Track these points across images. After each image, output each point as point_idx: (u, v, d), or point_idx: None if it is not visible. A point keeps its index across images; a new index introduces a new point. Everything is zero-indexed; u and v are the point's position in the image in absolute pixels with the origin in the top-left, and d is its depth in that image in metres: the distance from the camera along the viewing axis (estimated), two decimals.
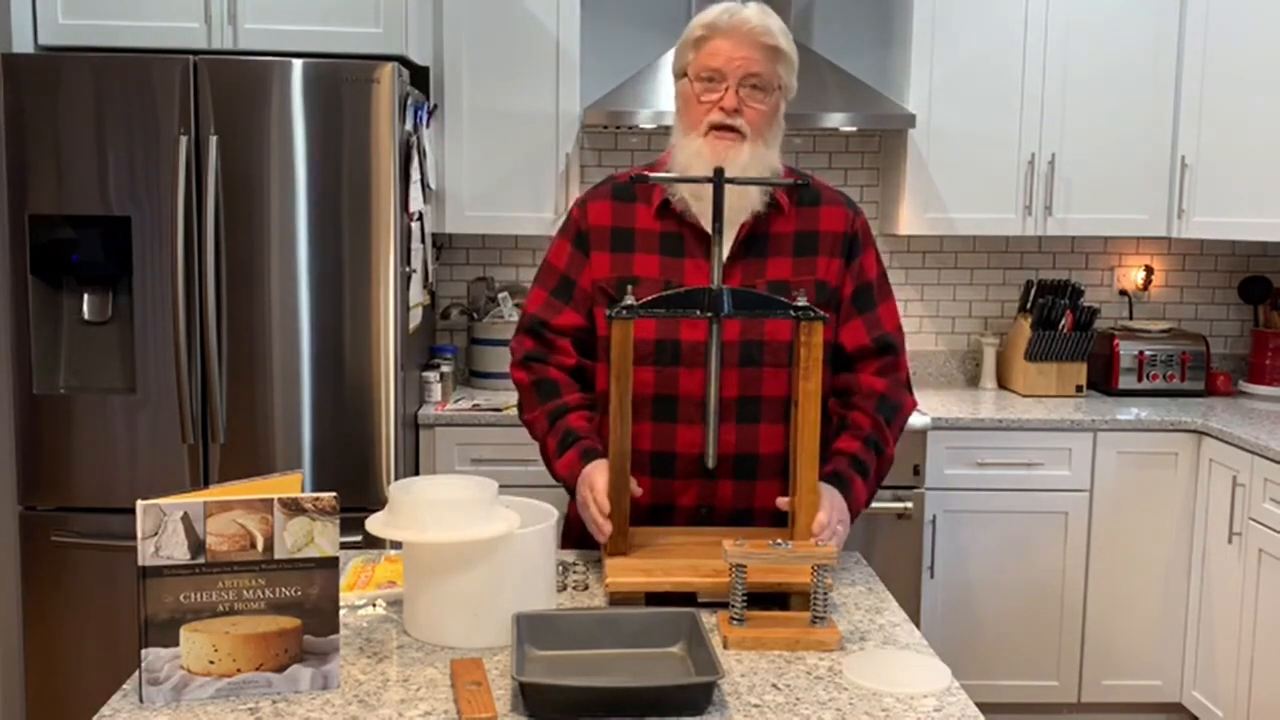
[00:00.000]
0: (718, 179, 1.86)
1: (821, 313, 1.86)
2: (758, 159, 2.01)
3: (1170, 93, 3.86)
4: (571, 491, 2.05)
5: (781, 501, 1.99)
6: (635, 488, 1.95)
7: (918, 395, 3.81)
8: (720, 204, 1.86)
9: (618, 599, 1.81)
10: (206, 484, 2.95)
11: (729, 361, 2.00)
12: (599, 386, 2.12)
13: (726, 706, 1.47)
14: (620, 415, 1.89)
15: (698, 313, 1.86)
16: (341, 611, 1.59)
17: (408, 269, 3.37)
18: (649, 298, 1.88)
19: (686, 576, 1.82)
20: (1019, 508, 3.65)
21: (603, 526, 1.91)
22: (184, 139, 3.13)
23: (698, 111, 2.02)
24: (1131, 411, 3.77)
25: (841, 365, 2.12)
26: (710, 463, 1.94)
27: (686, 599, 1.79)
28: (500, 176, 3.78)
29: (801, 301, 1.86)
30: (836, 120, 3.70)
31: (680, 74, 2.07)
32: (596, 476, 1.95)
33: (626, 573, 1.83)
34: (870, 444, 2.06)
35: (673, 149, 2.08)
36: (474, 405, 3.67)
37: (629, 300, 1.86)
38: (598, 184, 2.21)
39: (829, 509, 1.91)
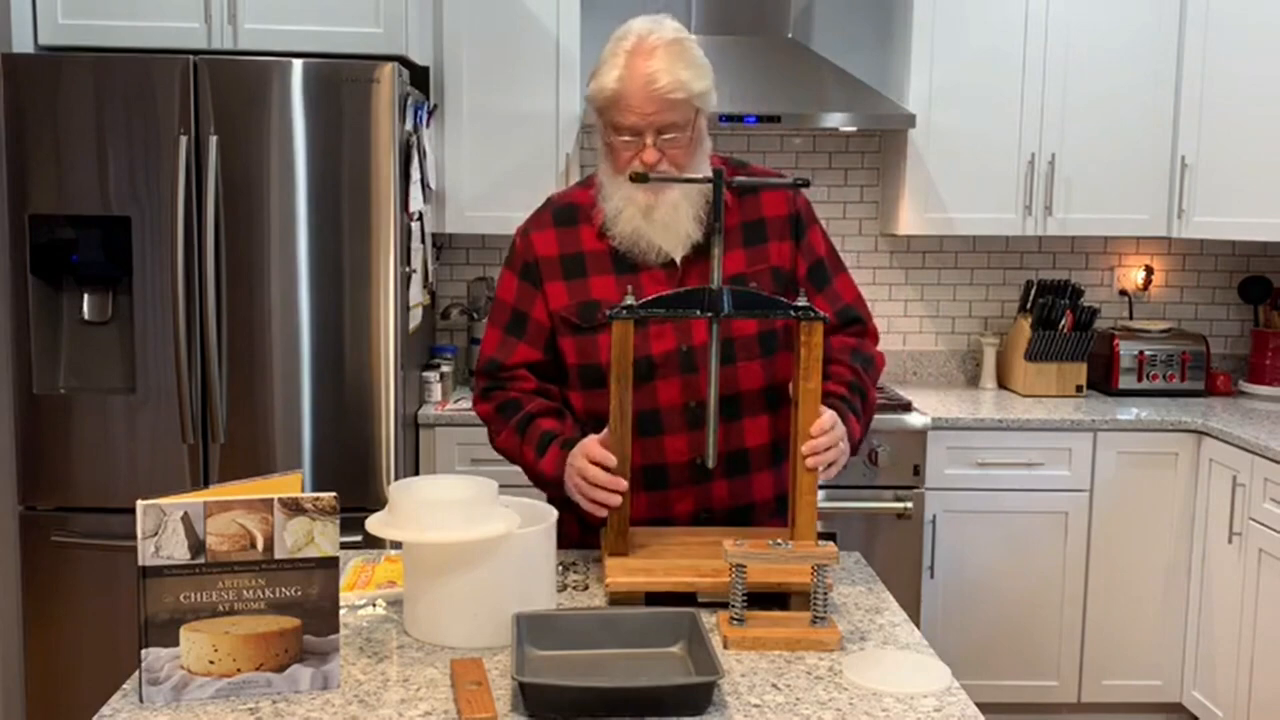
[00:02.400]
0: (717, 180, 1.87)
1: (822, 313, 1.86)
2: (690, 193, 2.00)
3: (1170, 93, 3.86)
4: (564, 501, 2.01)
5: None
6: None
7: (917, 395, 3.87)
8: (719, 203, 1.86)
9: (617, 599, 1.81)
10: (206, 484, 2.95)
11: (703, 364, 2.00)
12: (576, 406, 2.12)
13: (726, 706, 1.47)
14: (620, 416, 1.89)
15: (698, 312, 1.86)
16: (341, 611, 1.59)
17: (408, 269, 3.37)
18: (648, 298, 1.88)
19: (687, 576, 1.82)
20: (1019, 508, 3.65)
21: (609, 483, 1.88)
22: (184, 139, 3.13)
23: (621, 161, 2.01)
24: (1131, 411, 3.77)
25: None
26: (711, 463, 1.93)
27: (686, 599, 1.79)
28: (500, 176, 3.77)
29: (802, 301, 1.86)
30: (836, 120, 3.70)
31: (596, 113, 2.04)
32: (589, 446, 1.92)
33: (626, 572, 1.83)
34: (855, 389, 2.07)
35: (600, 186, 2.06)
36: None
37: (629, 300, 1.85)
38: (537, 210, 2.18)
39: (832, 415, 1.91)
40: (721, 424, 2.02)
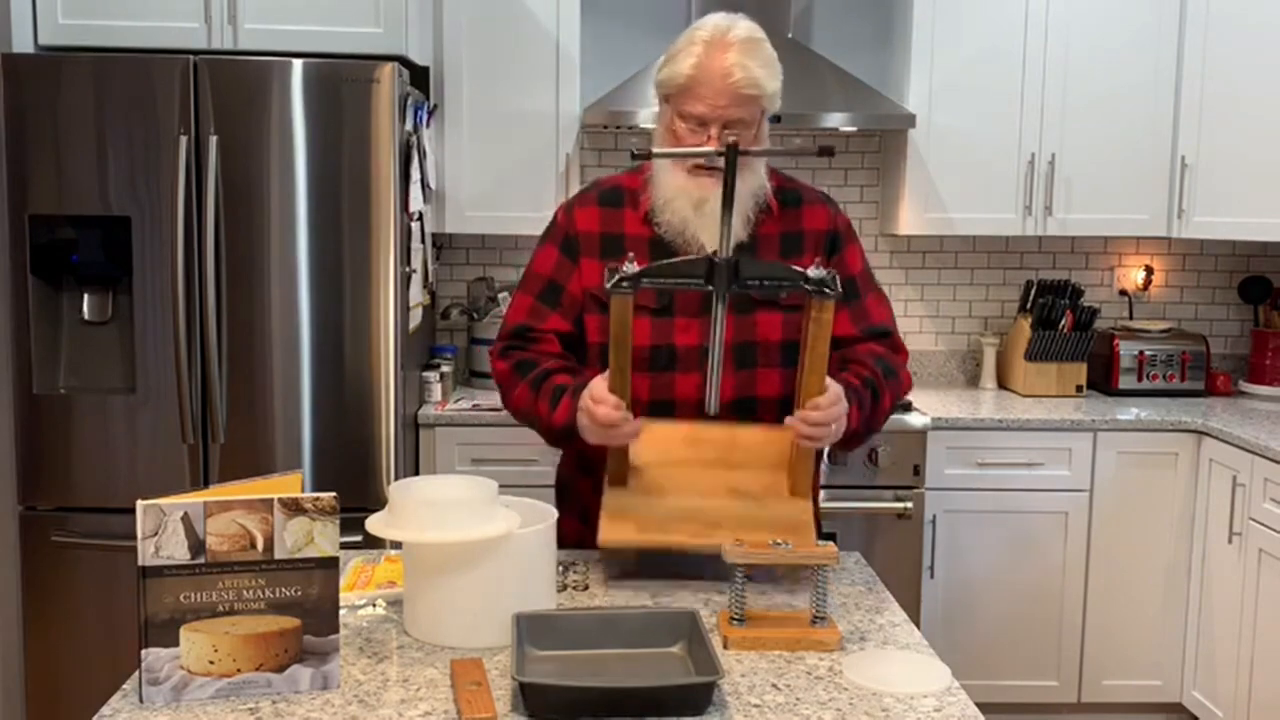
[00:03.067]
0: (730, 152, 1.82)
1: (838, 289, 1.80)
2: (744, 187, 1.99)
3: (1170, 93, 3.86)
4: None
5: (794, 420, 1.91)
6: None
7: (918, 395, 3.86)
8: (732, 179, 1.82)
9: (608, 555, 1.80)
10: (206, 484, 2.95)
11: (724, 415, 2.00)
12: None
13: (726, 706, 1.47)
14: (620, 376, 1.85)
15: (702, 283, 1.79)
16: (341, 611, 1.59)
17: (408, 269, 3.37)
18: (647, 265, 1.81)
19: (680, 537, 1.83)
20: (1019, 508, 3.65)
21: (619, 419, 1.85)
22: (184, 139, 3.13)
23: (681, 147, 2.00)
24: (1131, 411, 3.77)
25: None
26: (712, 409, 1.87)
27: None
28: (500, 176, 3.78)
29: (815, 271, 1.79)
30: (836, 120, 3.70)
31: (663, 98, 2.04)
32: (594, 386, 1.89)
33: (620, 528, 1.83)
34: (868, 384, 2.03)
35: (652, 175, 2.06)
36: (474, 405, 3.67)
37: (629, 267, 1.78)
38: (583, 189, 2.19)
39: (838, 391, 1.88)
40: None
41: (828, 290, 1.79)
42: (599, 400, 1.87)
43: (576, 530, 2.07)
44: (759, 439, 1.98)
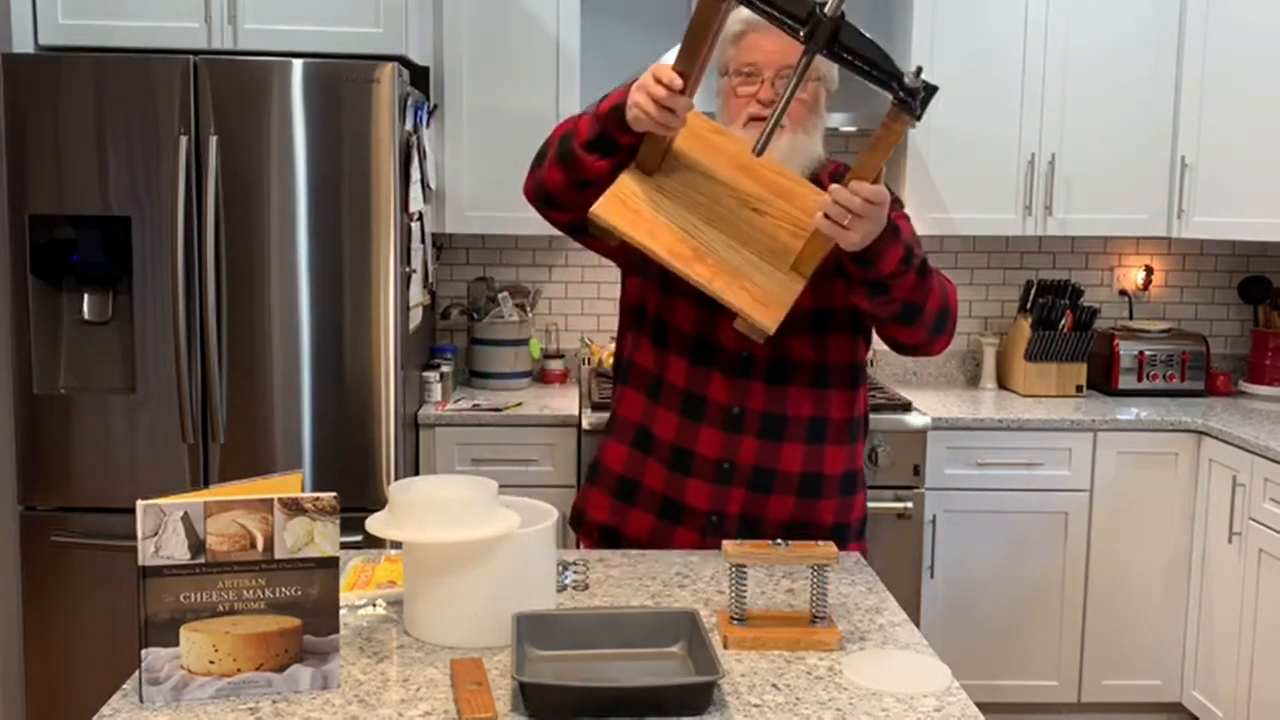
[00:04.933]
0: (813, 38, 1.63)
1: (920, 110, 1.63)
2: (798, 148, 2.00)
3: (1170, 92, 3.86)
4: (611, 147, 1.89)
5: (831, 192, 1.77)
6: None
7: (917, 395, 3.86)
8: (804, 70, 1.68)
9: (593, 230, 1.81)
10: (206, 484, 2.95)
11: (756, 374, 2.00)
12: (625, 349, 2.14)
13: (726, 706, 1.47)
14: (688, 74, 1.73)
15: (797, 29, 1.61)
16: (341, 611, 1.59)
17: (408, 269, 3.37)
18: None
19: (661, 249, 1.79)
20: (1019, 508, 3.65)
21: (675, 84, 1.73)
22: (184, 139, 3.13)
23: (736, 105, 2.02)
24: (1131, 411, 3.77)
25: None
26: (759, 152, 1.74)
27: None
28: (500, 176, 3.77)
29: (911, 80, 1.62)
30: (836, 120, 3.70)
31: (721, 71, 2.06)
32: (659, 66, 1.78)
33: (616, 210, 1.80)
34: (921, 260, 1.96)
35: None
36: (474, 405, 3.67)
37: None
38: None
39: (882, 190, 1.76)
40: (758, 440, 2.03)
41: (913, 102, 1.62)
42: (660, 74, 1.75)
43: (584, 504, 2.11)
44: (802, 203, 1.89)
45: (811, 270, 1.89)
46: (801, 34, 1.61)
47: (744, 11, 1.90)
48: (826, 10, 1.60)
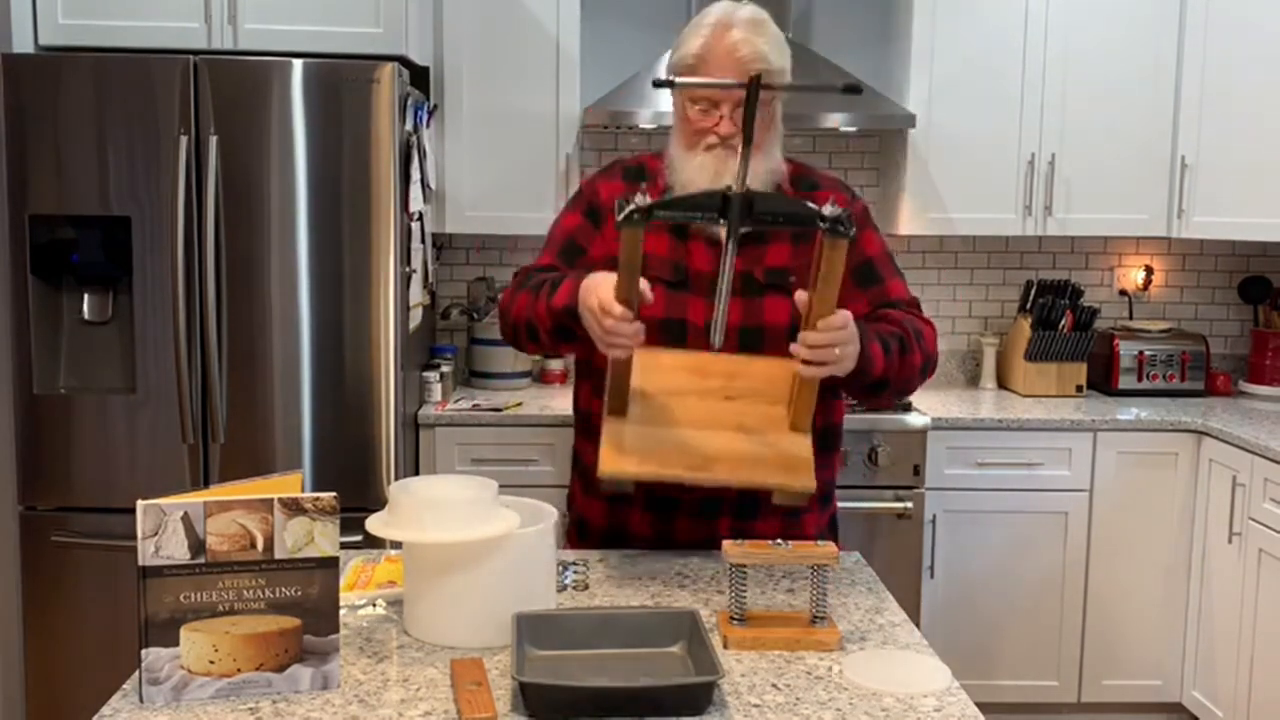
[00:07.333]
0: (753, 85, 1.78)
1: (851, 229, 1.70)
2: (761, 172, 1.99)
3: (1170, 93, 3.86)
4: (570, 335, 1.94)
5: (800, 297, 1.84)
6: (647, 293, 1.81)
7: (917, 395, 3.86)
8: (752, 111, 1.78)
9: (608, 488, 1.84)
10: (206, 484, 2.95)
11: (727, 348, 1.99)
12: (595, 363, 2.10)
13: (726, 706, 1.47)
14: (628, 305, 1.79)
15: (715, 216, 1.73)
16: (341, 611, 1.59)
17: (408, 269, 3.37)
18: (661, 199, 1.76)
19: (678, 470, 1.83)
20: (1019, 508, 3.65)
21: (618, 312, 1.78)
22: (184, 139, 3.13)
23: (694, 135, 2.01)
24: (1131, 411, 3.77)
25: None
26: (718, 341, 1.80)
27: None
28: (500, 176, 3.78)
29: (830, 210, 1.70)
30: (836, 120, 3.70)
31: (678, 96, 2.05)
32: (602, 286, 1.81)
33: (619, 459, 1.83)
34: (894, 334, 1.98)
35: (670, 159, 2.06)
36: (474, 405, 3.67)
37: (640, 199, 1.70)
38: (606, 167, 2.22)
39: (846, 315, 1.80)
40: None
41: (841, 229, 1.70)
42: (608, 309, 1.79)
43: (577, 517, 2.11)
44: (763, 370, 1.95)
45: (809, 422, 1.92)
46: (720, 221, 1.73)
47: (697, 39, 1.98)
48: (734, 188, 1.72)
